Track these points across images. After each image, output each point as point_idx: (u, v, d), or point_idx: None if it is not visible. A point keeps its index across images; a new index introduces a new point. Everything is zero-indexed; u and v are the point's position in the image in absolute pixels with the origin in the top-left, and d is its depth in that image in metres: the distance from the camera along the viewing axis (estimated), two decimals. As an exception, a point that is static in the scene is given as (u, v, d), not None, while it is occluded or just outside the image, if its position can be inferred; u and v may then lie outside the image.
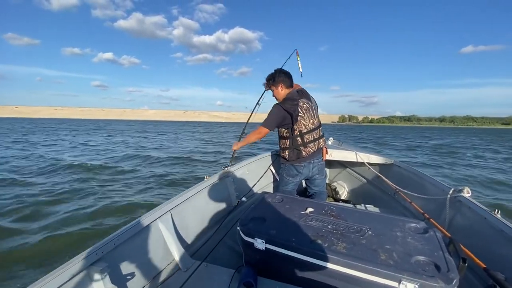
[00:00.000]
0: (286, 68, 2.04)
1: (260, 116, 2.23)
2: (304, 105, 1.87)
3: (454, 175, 7.27)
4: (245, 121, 2.61)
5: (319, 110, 2.07)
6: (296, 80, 2.07)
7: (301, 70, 2.49)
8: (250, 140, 2.02)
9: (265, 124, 1.89)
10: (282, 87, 1.91)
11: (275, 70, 1.97)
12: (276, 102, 1.98)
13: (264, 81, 2.02)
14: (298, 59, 2.51)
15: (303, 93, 1.97)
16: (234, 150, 2.21)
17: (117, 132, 26.66)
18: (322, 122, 2.04)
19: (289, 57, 2.55)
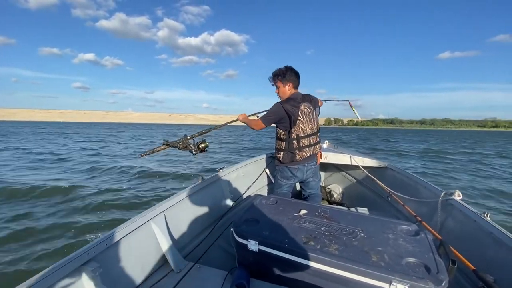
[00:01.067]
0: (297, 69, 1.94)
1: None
2: (305, 109, 1.85)
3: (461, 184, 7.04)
4: (233, 124, 2.28)
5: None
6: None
7: (359, 119, 2.77)
8: (250, 124, 2.00)
9: (263, 119, 1.89)
10: (290, 87, 1.89)
11: (285, 67, 1.90)
12: (278, 99, 1.96)
13: (270, 76, 1.96)
14: (354, 109, 2.69)
15: (306, 97, 1.94)
16: (237, 119, 2.12)
17: (89, 136, 24.61)
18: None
19: (338, 101, 2.71)
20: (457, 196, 1.58)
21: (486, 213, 1.35)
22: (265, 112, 1.96)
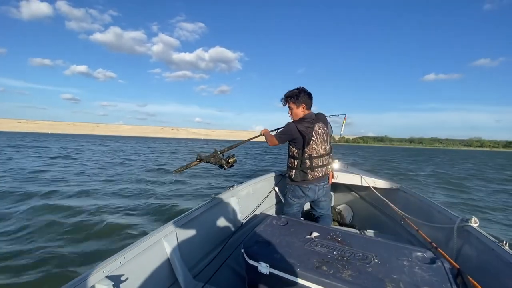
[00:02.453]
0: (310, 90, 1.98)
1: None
2: (320, 130, 1.86)
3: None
4: (225, 138, 2.30)
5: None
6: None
7: (341, 133, 2.64)
8: (267, 139, 2.03)
9: (277, 136, 1.92)
10: (303, 108, 1.91)
11: (298, 89, 1.91)
12: (289, 119, 1.97)
13: (283, 97, 1.98)
14: (344, 123, 2.68)
15: (320, 117, 1.93)
16: (261, 134, 2.16)
17: (66, 150, 22.21)
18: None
19: (337, 115, 2.64)
20: (474, 222, 1.52)
21: (505, 242, 1.30)
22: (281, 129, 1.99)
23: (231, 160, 1.86)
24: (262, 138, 2.14)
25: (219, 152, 1.84)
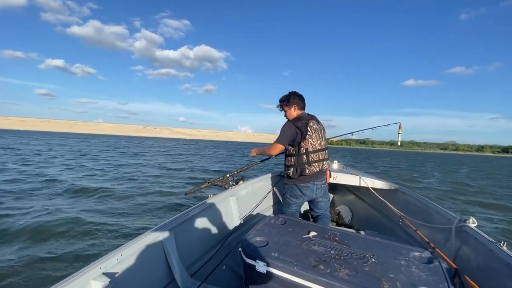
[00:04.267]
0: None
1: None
2: (314, 126, 1.95)
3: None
4: (210, 138, 2.97)
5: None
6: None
7: (399, 144, 2.84)
8: (265, 152, 2.13)
9: (278, 140, 1.96)
10: (295, 108, 2.01)
11: (289, 92, 2.06)
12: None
13: (278, 103, 2.10)
14: (400, 132, 2.84)
15: (313, 117, 2.05)
16: (256, 154, 2.27)
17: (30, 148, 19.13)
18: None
19: (387, 125, 2.96)
20: (472, 223, 1.54)
21: (502, 242, 1.31)
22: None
23: (241, 182, 2.22)
24: (273, 140, 2.17)
25: (228, 176, 2.16)
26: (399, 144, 2.91)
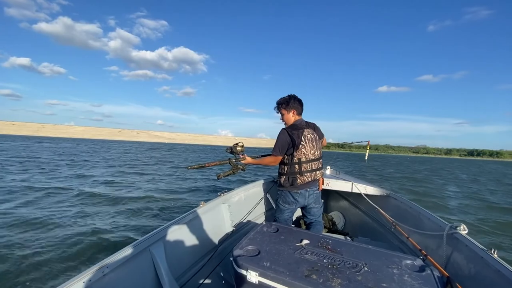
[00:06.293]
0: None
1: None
2: (308, 135, 2.02)
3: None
4: (190, 142, 36.23)
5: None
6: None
7: (366, 159, 3.05)
8: (263, 162, 2.17)
9: (274, 151, 2.04)
10: (294, 113, 2.11)
11: (289, 96, 2.12)
12: (283, 126, 2.14)
13: (275, 104, 2.19)
14: (368, 148, 3.04)
15: (311, 125, 2.14)
16: (245, 164, 2.14)
17: None
18: (265, 146, 31.74)
19: (361, 142, 3.06)
20: (463, 230, 1.59)
21: (493, 250, 1.36)
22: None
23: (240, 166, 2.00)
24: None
25: (234, 160, 1.99)
26: (366, 158, 3.02)
